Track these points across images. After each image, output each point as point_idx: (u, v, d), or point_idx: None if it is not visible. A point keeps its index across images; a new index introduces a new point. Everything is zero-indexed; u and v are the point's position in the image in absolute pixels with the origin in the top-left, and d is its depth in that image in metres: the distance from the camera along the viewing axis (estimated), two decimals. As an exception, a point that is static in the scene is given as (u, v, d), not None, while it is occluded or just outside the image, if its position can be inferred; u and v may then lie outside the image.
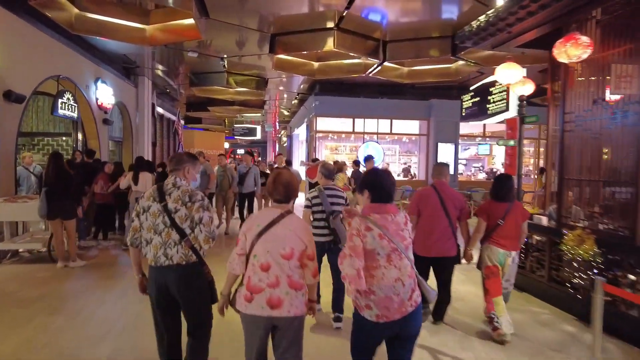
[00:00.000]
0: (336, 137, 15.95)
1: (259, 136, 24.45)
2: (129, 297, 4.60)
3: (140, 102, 11.91)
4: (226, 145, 27.85)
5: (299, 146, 20.81)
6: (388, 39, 7.97)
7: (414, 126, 14.97)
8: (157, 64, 10.82)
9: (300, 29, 7.42)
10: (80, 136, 9.07)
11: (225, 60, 9.75)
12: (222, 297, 2.41)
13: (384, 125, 14.53)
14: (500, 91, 7.37)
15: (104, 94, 9.43)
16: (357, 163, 10.06)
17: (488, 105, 7.84)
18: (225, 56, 9.45)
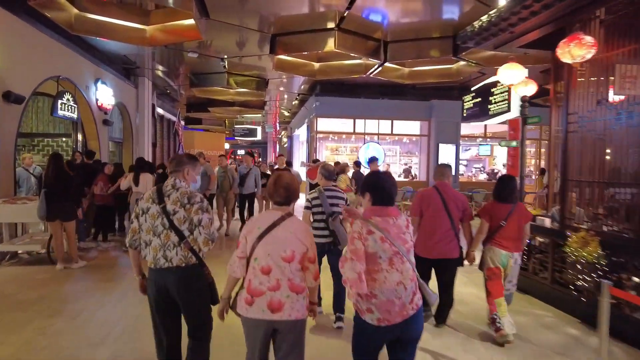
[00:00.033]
0: (337, 137, 15.92)
1: (259, 137, 24.41)
2: (128, 299, 4.57)
3: (141, 102, 11.89)
4: (226, 146, 27.81)
5: (299, 147, 20.78)
6: (389, 39, 7.94)
7: (415, 127, 14.94)
8: (157, 64, 10.79)
9: (300, 30, 7.40)
10: (80, 137, 9.04)
11: (226, 61, 9.72)
12: (222, 300, 2.39)
13: (384, 126, 14.52)
14: (502, 92, 7.34)
15: (104, 94, 9.41)
16: (357, 164, 10.02)
17: (489, 106, 7.82)
18: (226, 57, 9.43)
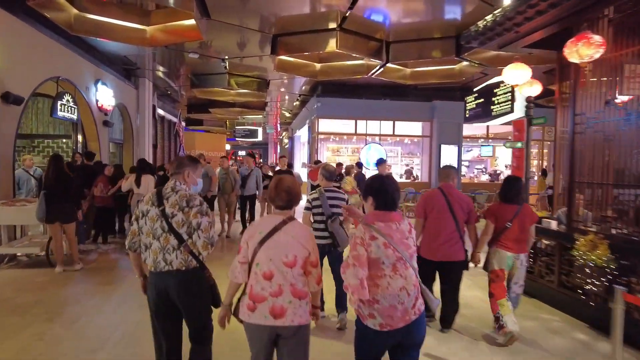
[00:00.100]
0: (338, 139, 15.85)
1: (260, 138, 24.35)
2: (128, 303, 4.50)
3: (141, 103, 11.83)
4: (227, 147, 27.77)
5: (300, 148, 20.73)
6: (391, 39, 7.89)
7: (416, 128, 14.87)
8: (158, 65, 10.73)
9: (302, 30, 7.34)
10: (80, 138, 8.98)
11: (227, 62, 9.67)
12: (224, 307, 2.34)
13: (386, 127, 14.45)
14: (505, 92, 7.28)
15: (104, 95, 9.35)
16: (359, 165, 9.95)
17: (492, 107, 7.76)
18: (227, 57, 9.37)
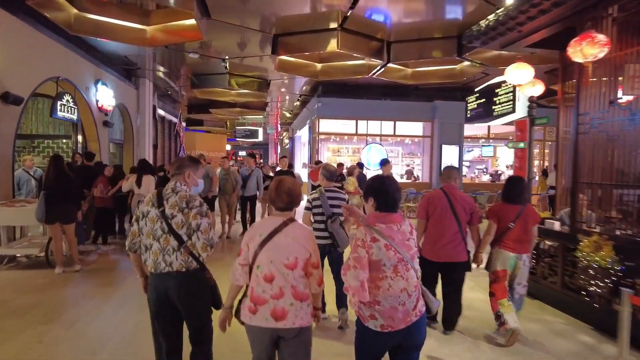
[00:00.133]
0: (339, 139, 15.81)
1: (260, 138, 24.33)
2: (128, 305, 4.43)
3: (141, 104, 11.80)
4: (228, 147, 27.74)
5: (300, 148, 20.70)
6: (392, 39, 7.85)
7: (417, 128, 14.83)
8: (158, 65, 10.70)
9: (303, 30, 7.31)
10: (80, 138, 8.95)
11: (227, 62, 9.63)
12: (225, 310, 2.32)
13: (387, 127, 14.41)
14: (506, 92, 7.24)
15: (104, 95, 9.32)
16: (360, 165, 9.91)
17: (494, 107, 7.73)
18: (227, 57, 9.34)
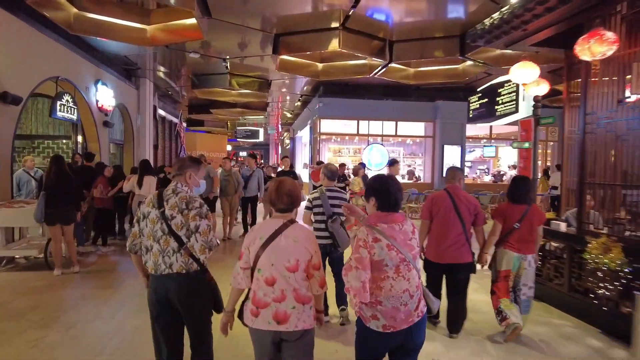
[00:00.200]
0: (340, 139, 15.74)
1: (261, 138, 24.28)
2: (127, 307, 4.36)
3: (142, 104, 11.75)
4: (228, 147, 27.69)
5: (301, 149, 20.63)
6: (394, 39, 7.79)
7: (419, 128, 14.76)
8: (159, 65, 10.65)
9: (304, 29, 7.25)
10: (80, 139, 8.89)
11: (228, 62, 9.58)
12: (226, 314, 2.28)
13: (388, 127, 14.34)
14: (509, 92, 7.16)
15: (104, 95, 9.27)
16: (362, 166, 9.85)
17: (496, 107, 7.64)
18: (228, 57, 9.28)
